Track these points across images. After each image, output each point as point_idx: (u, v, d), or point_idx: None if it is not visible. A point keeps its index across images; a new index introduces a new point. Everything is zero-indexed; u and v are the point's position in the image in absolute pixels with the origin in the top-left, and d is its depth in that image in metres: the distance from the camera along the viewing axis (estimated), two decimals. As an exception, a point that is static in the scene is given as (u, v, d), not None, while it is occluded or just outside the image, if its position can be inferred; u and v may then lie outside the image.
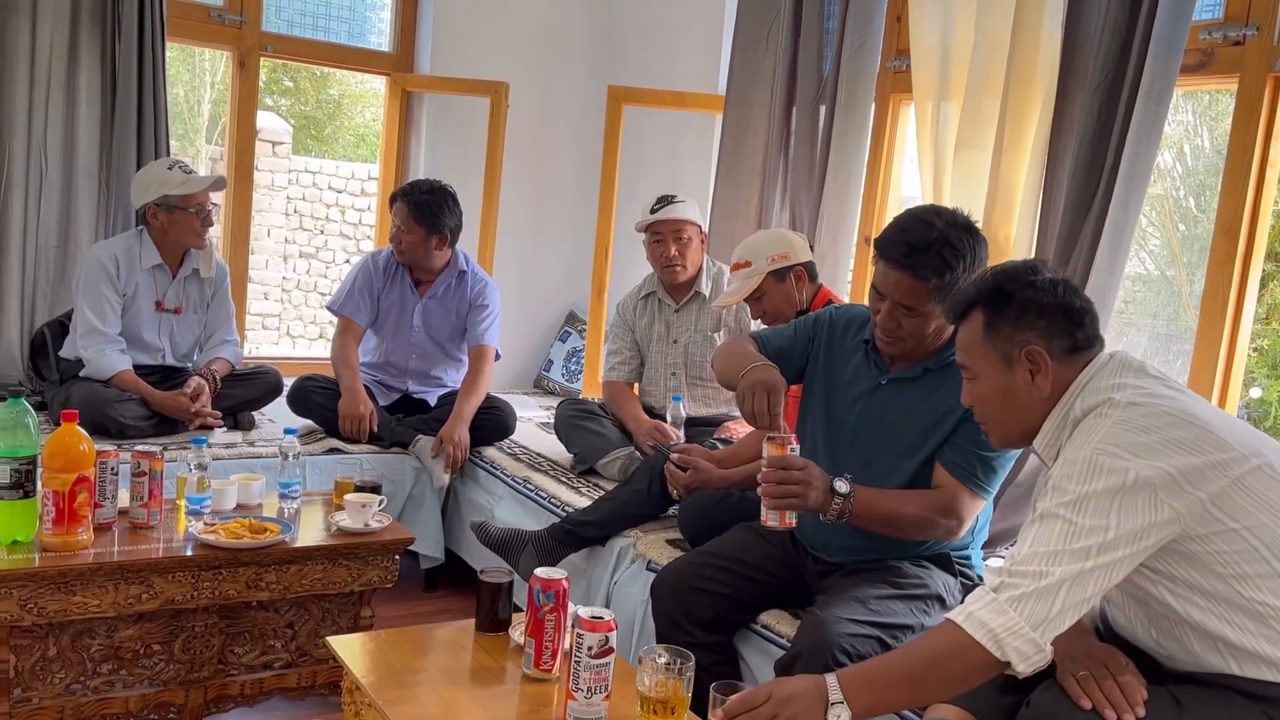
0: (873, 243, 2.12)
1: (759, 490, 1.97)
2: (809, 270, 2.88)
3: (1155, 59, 2.42)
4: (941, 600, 2.12)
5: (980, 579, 2.19)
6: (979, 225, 2.78)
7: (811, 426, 2.27)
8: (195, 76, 10.52)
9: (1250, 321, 2.62)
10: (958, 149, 2.97)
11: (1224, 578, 1.46)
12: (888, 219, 3.55)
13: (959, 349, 1.72)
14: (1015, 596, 1.45)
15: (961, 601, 2.12)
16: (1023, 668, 1.46)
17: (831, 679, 1.52)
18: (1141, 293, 6.12)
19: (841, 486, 1.99)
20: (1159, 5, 2.41)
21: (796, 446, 1.99)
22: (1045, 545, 1.46)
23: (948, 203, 3.01)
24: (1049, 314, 1.61)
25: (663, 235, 3.29)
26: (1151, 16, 2.42)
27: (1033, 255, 2.79)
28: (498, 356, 3.66)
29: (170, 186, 3.24)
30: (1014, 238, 2.85)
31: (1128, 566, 1.46)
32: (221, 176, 3.44)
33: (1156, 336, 5.28)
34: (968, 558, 2.21)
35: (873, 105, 3.40)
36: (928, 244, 1.99)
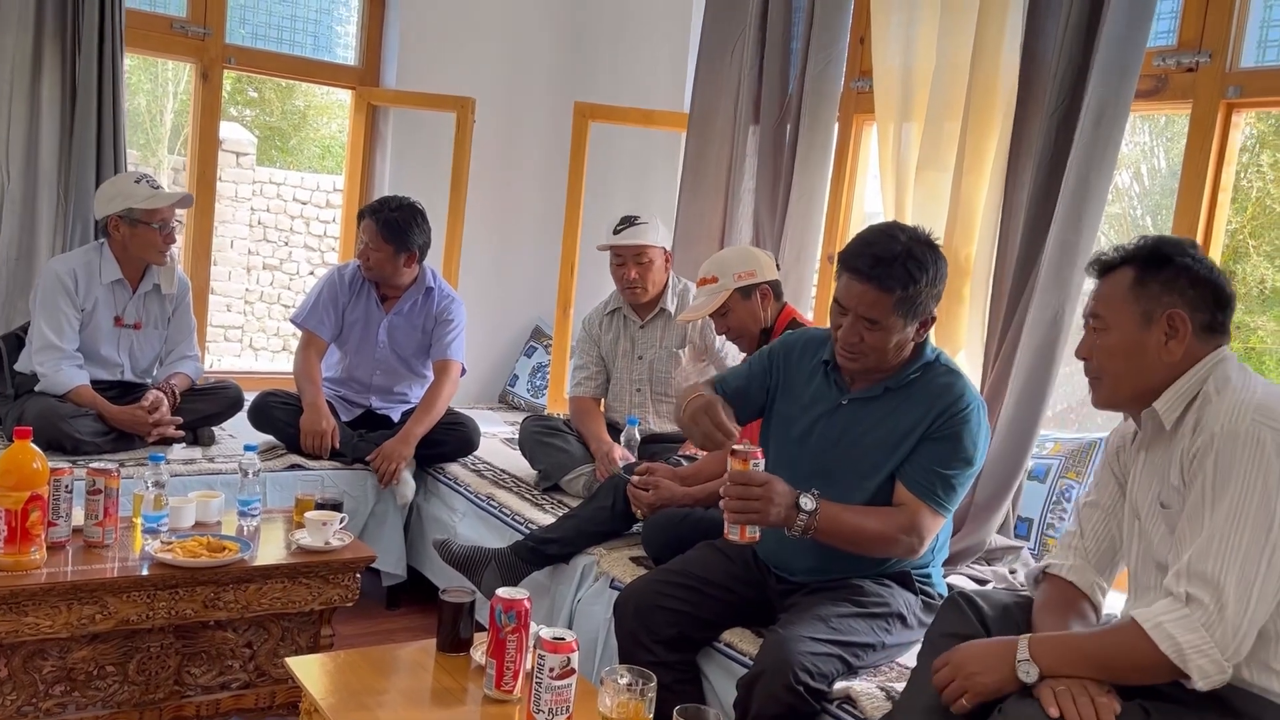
0: (836, 257, 2.13)
1: (720, 504, 1.98)
2: (775, 289, 2.88)
3: (1110, 84, 2.47)
4: (902, 618, 2.13)
5: (940, 595, 2.22)
6: (940, 245, 2.83)
7: (774, 450, 2.27)
8: (158, 86, 10.42)
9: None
10: (919, 169, 3.01)
11: None
12: (851, 237, 3.62)
13: (1095, 298, 1.72)
14: (1204, 615, 1.47)
15: (920, 620, 2.15)
16: (1202, 684, 1.49)
17: (1022, 641, 1.59)
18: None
19: (807, 503, 2.00)
20: (1114, 32, 2.45)
21: (760, 461, 1.99)
22: (1221, 551, 1.48)
23: (909, 222, 3.04)
24: (1200, 286, 1.63)
25: (624, 258, 3.30)
26: (1107, 43, 2.47)
27: (992, 275, 2.83)
28: (464, 371, 3.64)
29: (135, 200, 3.18)
30: (974, 257, 2.89)
31: None
32: (188, 194, 3.38)
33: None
34: (928, 576, 2.23)
35: (836, 125, 3.44)
36: (893, 256, 2.01)
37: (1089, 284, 2.87)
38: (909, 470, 2.11)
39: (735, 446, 2.01)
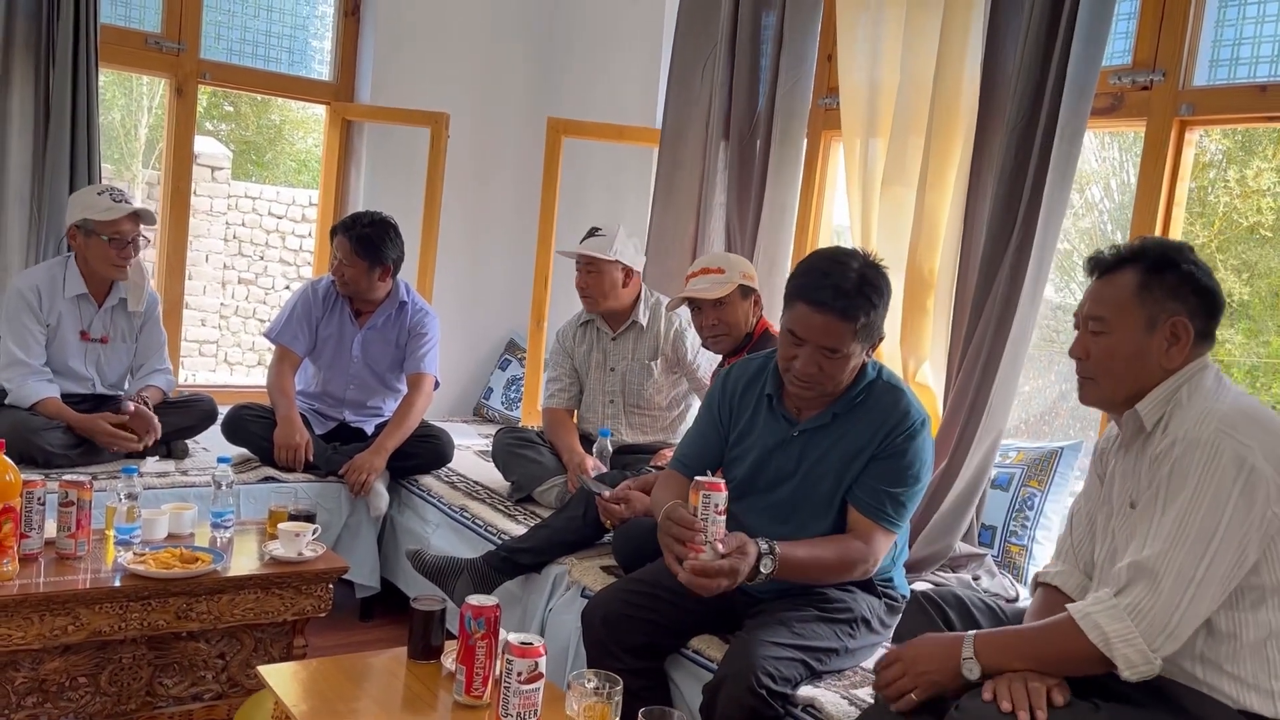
0: (789, 289, 2.10)
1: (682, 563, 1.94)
2: (760, 302, 2.98)
3: (1068, 101, 2.54)
4: (866, 622, 2.17)
5: (904, 597, 2.26)
6: (905, 258, 2.89)
7: (736, 491, 2.23)
8: (132, 101, 10.40)
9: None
10: (885, 184, 3.07)
11: (1265, 590, 1.54)
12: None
13: (1097, 300, 1.71)
14: (1135, 606, 1.52)
15: (883, 627, 2.20)
16: (1128, 674, 1.52)
17: (968, 638, 1.64)
18: (1070, 323, 6.28)
19: (767, 565, 1.97)
20: (1071, 50, 2.52)
21: (722, 495, 1.93)
22: (1159, 545, 1.52)
23: (875, 236, 3.11)
24: (1202, 294, 1.65)
25: (580, 265, 3.36)
26: (1064, 61, 2.54)
27: (955, 287, 2.89)
28: (437, 385, 3.66)
29: (93, 211, 3.18)
30: (938, 269, 2.94)
31: (1240, 571, 1.52)
32: (146, 209, 3.33)
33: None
34: (890, 580, 2.27)
35: (805, 141, 3.50)
36: (853, 285, 2.01)
37: (1052, 293, 2.93)
38: (858, 492, 2.12)
39: (697, 478, 1.96)
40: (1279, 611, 1.54)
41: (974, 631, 1.67)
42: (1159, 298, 1.65)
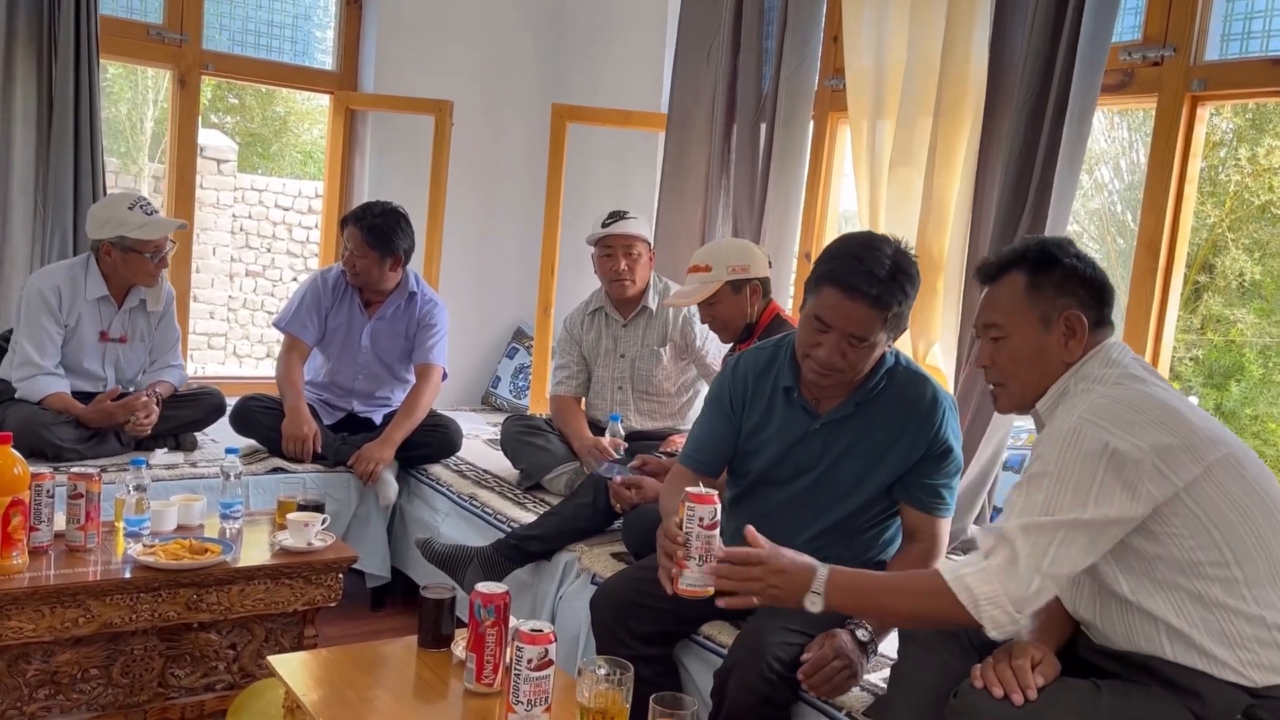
0: (818, 273, 2.00)
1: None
2: (764, 285, 2.90)
3: (1077, 79, 2.51)
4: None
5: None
6: (914, 240, 2.86)
7: (748, 484, 2.23)
8: (138, 94, 10.40)
9: (1172, 331, 2.71)
10: (892, 166, 3.05)
11: (1179, 563, 1.54)
12: (828, 235, 3.66)
13: (990, 307, 1.74)
14: (1000, 567, 1.55)
15: None
16: (995, 633, 1.56)
17: (823, 571, 1.68)
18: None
19: (862, 635, 1.95)
20: (1080, 27, 2.49)
21: (715, 508, 1.75)
22: (1028, 516, 1.55)
23: (883, 219, 3.09)
24: (1088, 285, 1.68)
25: (613, 249, 3.32)
26: (1073, 38, 2.51)
27: (964, 269, 2.87)
28: (445, 375, 3.66)
29: (129, 229, 3.16)
30: (947, 251, 2.92)
31: (1105, 545, 1.54)
32: (182, 222, 3.36)
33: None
34: (897, 562, 2.25)
35: (811, 123, 3.47)
36: (887, 273, 1.93)
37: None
38: (915, 492, 2.09)
39: (687, 489, 1.79)
40: (1210, 583, 1.53)
41: (830, 566, 1.69)
42: (1049, 295, 1.68)
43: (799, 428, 2.13)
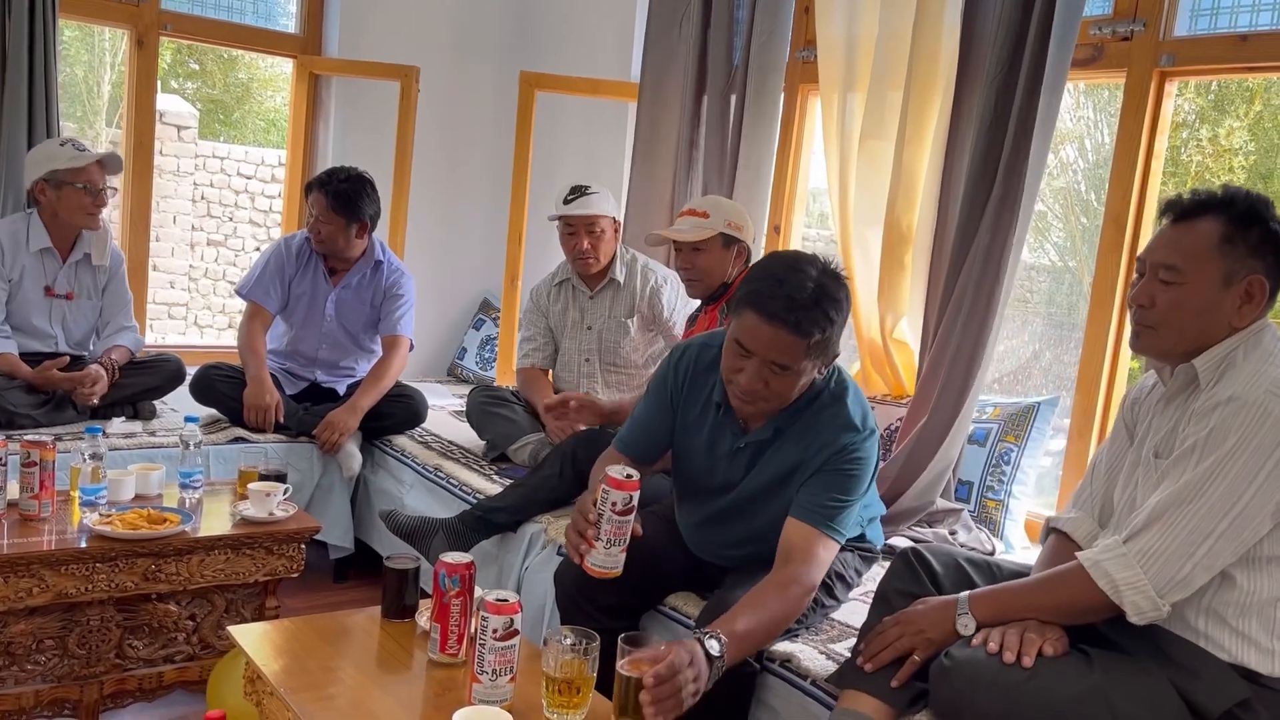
0: (739, 294, 1.92)
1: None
2: (748, 256, 2.91)
3: (1050, 53, 2.50)
4: (842, 578, 2.17)
5: (877, 549, 2.28)
6: (883, 213, 2.84)
7: (681, 483, 2.23)
8: (95, 56, 10.14)
9: (1137, 307, 2.72)
10: (863, 139, 3.03)
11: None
12: (797, 208, 3.64)
13: (1172, 248, 1.62)
14: (1145, 552, 1.51)
15: (858, 577, 2.20)
16: (1136, 619, 1.53)
17: (963, 596, 1.67)
18: (1045, 283, 6.32)
19: (718, 666, 1.72)
20: (1052, 1, 2.48)
21: (633, 494, 1.82)
22: (1185, 499, 1.50)
23: (853, 192, 3.08)
24: None
25: (575, 228, 3.27)
26: (1046, 11, 2.50)
27: (933, 242, 2.87)
28: (412, 347, 3.61)
29: (59, 162, 3.12)
30: (916, 225, 2.92)
31: (1260, 531, 1.50)
32: (114, 154, 3.28)
33: (1056, 324, 5.47)
34: (862, 536, 2.25)
35: (782, 95, 3.45)
36: (808, 297, 1.83)
37: (1026, 254, 2.91)
38: (800, 502, 1.97)
39: (610, 470, 1.83)
40: None
41: (968, 592, 1.68)
42: (1240, 253, 1.57)
43: (726, 443, 2.09)
